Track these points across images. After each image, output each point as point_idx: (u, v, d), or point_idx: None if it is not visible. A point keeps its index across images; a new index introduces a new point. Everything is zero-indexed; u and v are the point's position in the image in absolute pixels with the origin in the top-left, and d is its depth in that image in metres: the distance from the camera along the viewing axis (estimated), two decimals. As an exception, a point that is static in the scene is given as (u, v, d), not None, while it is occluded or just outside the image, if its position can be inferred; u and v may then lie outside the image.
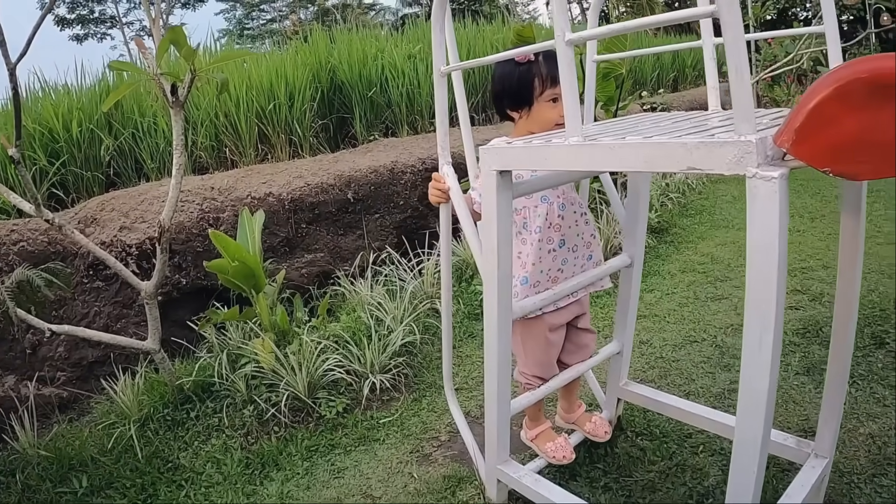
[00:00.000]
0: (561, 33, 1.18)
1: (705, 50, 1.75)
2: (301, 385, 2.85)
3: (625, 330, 2.17)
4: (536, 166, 1.30)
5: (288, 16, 24.82)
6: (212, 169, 4.73)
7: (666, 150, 1.11)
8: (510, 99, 1.82)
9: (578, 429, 2.30)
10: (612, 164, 1.19)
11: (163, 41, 2.60)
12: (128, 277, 2.70)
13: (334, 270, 4.49)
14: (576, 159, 1.24)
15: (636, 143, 1.15)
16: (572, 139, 1.23)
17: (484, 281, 1.56)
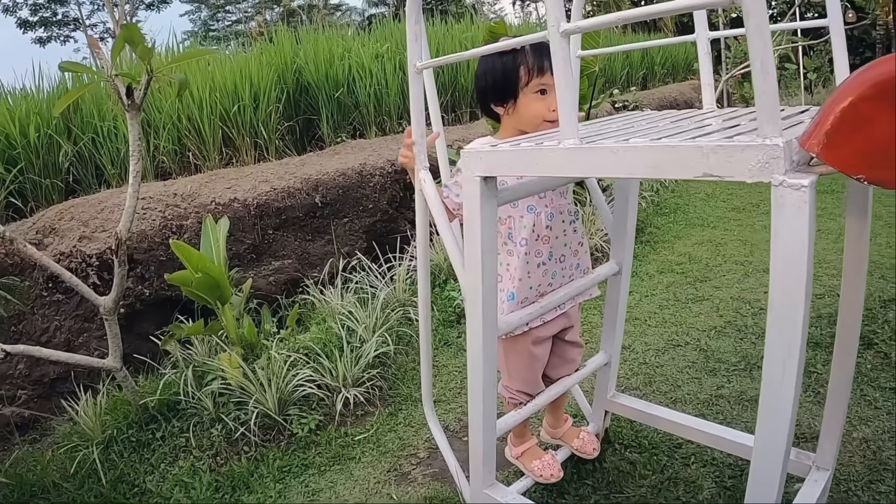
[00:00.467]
0: (555, 23, 1.06)
1: (700, 44, 1.65)
2: (271, 402, 2.69)
3: (613, 340, 2.07)
4: (526, 172, 1.18)
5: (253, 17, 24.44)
6: (174, 174, 4.54)
7: (678, 155, 0.99)
8: (494, 93, 1.68)
9: (566, 444, 2.19)
10: (615, 170, 1.06)
11: (117, 40, 2.43)
12: (85, 293, 2.52)
13: (303, 278, 4.34)
14: (571, 164, 1.11)
15: (642, 146, 1.03)
16: (568, 142, 1.11)
17: (466, 296, 1.43)
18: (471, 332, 1.45)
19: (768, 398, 1.05)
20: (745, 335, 3.13)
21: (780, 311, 0.98)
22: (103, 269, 3.57)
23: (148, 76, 2.48)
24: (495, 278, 1.41)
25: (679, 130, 1.16)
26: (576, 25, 1.06)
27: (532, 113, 1.64)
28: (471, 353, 1.48)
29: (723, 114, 1.46)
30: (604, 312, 2.10)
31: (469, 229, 1.34)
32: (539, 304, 1.63)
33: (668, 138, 1.04)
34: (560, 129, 1.12)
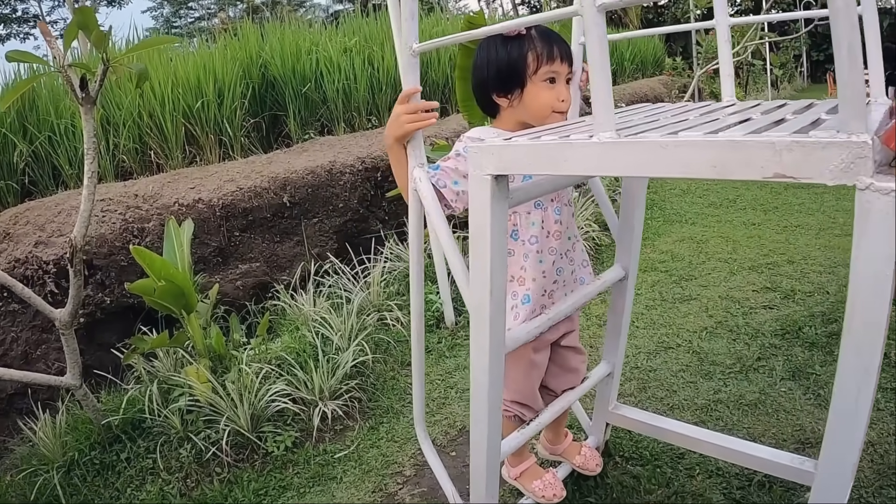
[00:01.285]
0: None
1: (719, 30, 1.51)
2: (243, 418, 2.50)
3: (616, 350, 1.92)
4: (550, 170, 1.01)
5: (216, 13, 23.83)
6: (135, 174, 4.30)
7: (745, 153, 0.84)
8: (498, 82, 1.51)
9: (566, 461, 2.05)
10: (663, 168, 0.90)
11: (70, 26, 2.21)
12: (39, 305, 2.29)
13: (272, 281, 4.14)
14: (608, 162, 0.95)
15: (700, 141, 0.87)
16: (604, 135, 0.95)
17: (471, 311, 1.26)
18: (476, 349, 1.29)
19: (838, 422, 0.92)
20: (737, 336, 3.02)
21: (860, 329, 0.84)
22: (61, 276, 3.33)
23: (104, 66, 2.26)
24: (504, 291, 1.24)
25: (726, 124, 1.02)
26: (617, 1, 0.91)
27: (541, 103, 1.48)
28: (476, 372, 1.32)
29: (753, 107, 1.33)
30: (607, 320, 1.95)
31: (477, 237, 1.17)
32: (547, 316, 1.47)
33: (727, 132, 0.89)
34: (594, 120, 0.97)
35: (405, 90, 1.41)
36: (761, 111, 1.20)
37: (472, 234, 1.17)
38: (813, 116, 1.10)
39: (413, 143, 1.42)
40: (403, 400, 2.81)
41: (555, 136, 1.04)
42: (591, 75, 0.95)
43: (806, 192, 5.51)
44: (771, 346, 2.90)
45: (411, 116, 1.40)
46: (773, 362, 2.79)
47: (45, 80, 4.10)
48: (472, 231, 1.17)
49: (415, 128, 1.41)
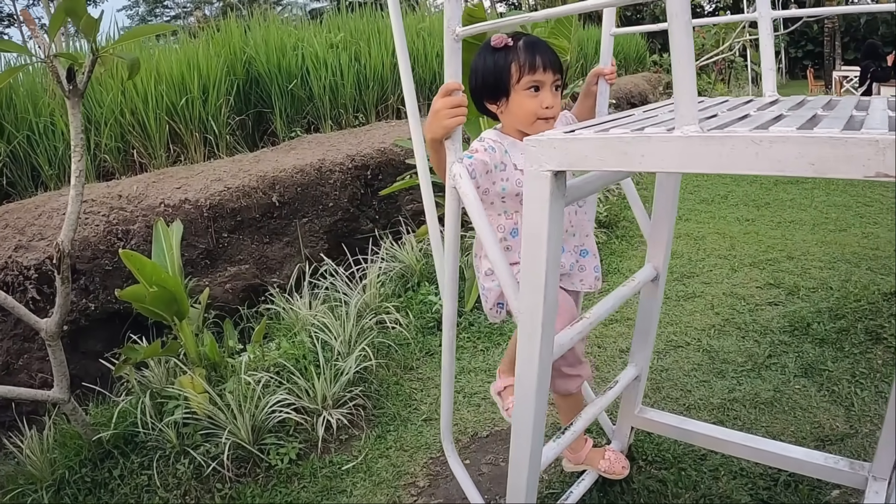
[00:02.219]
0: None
1: (761, 24, 1.44)
2: (244, 430, 2.38)
3: (644, 352, 1.85)
4: (622, 166, 0.91)
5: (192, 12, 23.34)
6: (118, 174, 4.13)
7: (846, 150, 0.77)
8: (486, 90, 1.57)
9: (591, 468, 1.97)
10: (754, 166, 0.83)
11: (57, 11, 2.06)
12: (24, 316, 2.14)
13: (263, 284, 4.01)
14: (692, 159, 0.86)
15: (797, 137, 0.80)
16: (688, 128, 0.86)
17: (520, 319, 1.16)
18: (524, 359, 1.19)
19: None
20: (746, 333, 2.97)
21: None
22: (43, 281, 3.17)
23: (93, 56, 2.12)
24: (557, 297, 1.15)
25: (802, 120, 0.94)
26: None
27: (525, 111, 1.53)
28: (523, 381, 1.22)
29: (803, 102, 1.26)
30: (637, 322, 1.88)
31: (532, 238, 1.07)
32: (588, 320, 1.38)
33: (823, 128, 0.81)
34: (676, 113, 0.88)
35: (447, 84, 1.32)
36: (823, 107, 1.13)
37: (527, 234, 1.08)
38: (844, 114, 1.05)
39: (452, 138, 1.32)
40: (409, 406, 2.71)
41: (625, 129, 0.95)
42: (674, 64, 0.86)
43: (796, 187, 5.51)
44: (781, 344, 2.86)
45: (452, 111, 1.32)
46: (784, 359, 2.74)
47: (23, 77, 3.92)
48: (527, 232, 1.08)
49: (455, 123, 1.33)
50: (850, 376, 2.58)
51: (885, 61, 9.07)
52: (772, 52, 1.50)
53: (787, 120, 0.99)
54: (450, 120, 1.32)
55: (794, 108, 1.27)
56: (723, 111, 1.22)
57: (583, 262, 1.67)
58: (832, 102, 1.32)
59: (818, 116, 1.10)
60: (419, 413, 2.67)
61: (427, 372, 2.98)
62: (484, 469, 2.28)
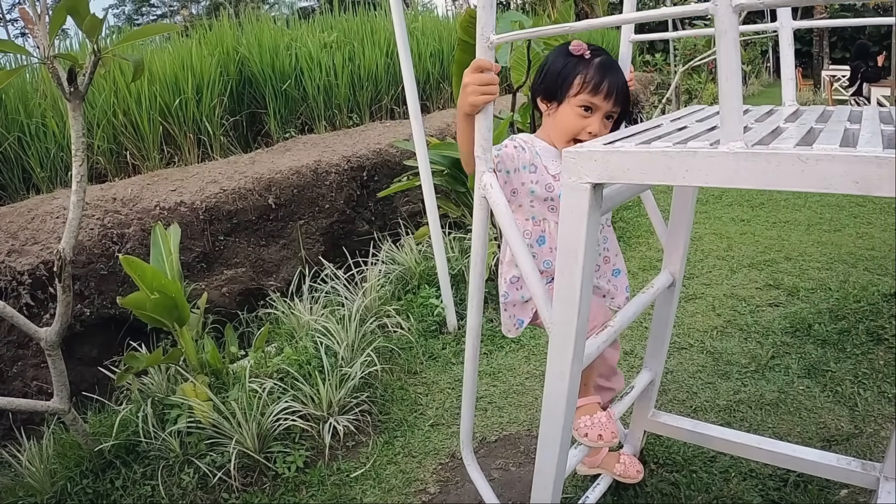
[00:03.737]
0: (725, -4, 0.81)
1: (782, 34, 1.43)
2: (249, 439, 2.34)
3: (658, 357, 1.84)
4: (665, 180, 0.90)
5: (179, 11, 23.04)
6: (111, 176, 4.08)
7: (891, 170, 0.77)
8: (544, 87, 1.53)
9: (605, 472, 1.95)
10: (800, 183, 0.83)
11: (58, 9, 2.01)
12: (23, 326, 2.10)
13: (259, 287, 3.97)
14: (738, 175, 0.86)
15: (842, 156, 0.80)
16: (734, 144, 0.85)
17: (553, 330, 1.14)
18: (554, 371, 1.18)
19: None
20: (748, 335, 2.98)
21: None
22: (37, 287, 3.12)
23: (95, 57, 2.07)
24: (589, 311, 1.14)
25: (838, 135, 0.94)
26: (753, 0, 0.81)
27: (567, 126, 1.50)
28: (554, 392, 1.21)
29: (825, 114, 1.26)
30: (652, 327, 1.87)
31: (568, 251, 1.05)
32: (612, 328, 1.37)
33: (867, 146, 0.81)
34: (721, 128, 0.87)
35: (479, 61, 1.28)
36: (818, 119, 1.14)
37: (563, 247, 1.06)
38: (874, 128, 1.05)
39: (482, 144, 1.29)
40: (416, 411, 2.69)
41: (668, 144, 0.94)
42: (721, 80, 0.86)
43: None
44: (783, 345, 2.87)
45: (480, 88, 1.29)
46: (787, 360, 2.75)
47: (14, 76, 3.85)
48: (563, 245, 1.06)
49: (483, 101, 1.30)
50: (852, 377, 2.59)
51: (875, 62, 9.16)
52: (792, 62, 1.50)
53: (825, 135, 0.99)
54: (478, 97, 1.29)
55: (821, 120, 1.27)
56: (751, 123, 1.21)
57: (615, 282, 1.67)
58: (853, 115, 1.33)
59: (850, 131, 1.10)
60: (426, 418, 2.65)
61: (431, 376, 2.96)
62: (495, 474, 2.27)
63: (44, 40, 1.99)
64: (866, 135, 1.00)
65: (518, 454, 2.38)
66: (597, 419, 1.55)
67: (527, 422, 2.55)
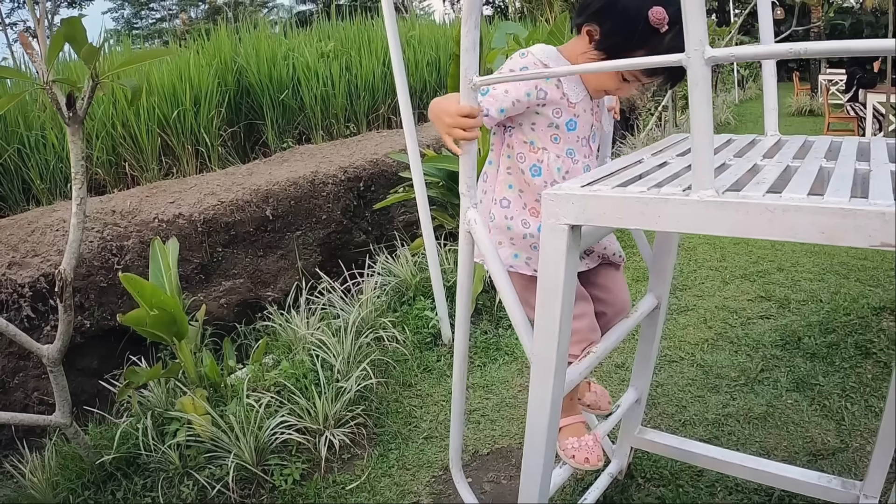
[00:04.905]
0: (699, 46, 0.85)
1: (765, 65, 1.48)
2: (247, 452, 2.39)
3: (644, 377, 1.89)
4: (640, 225, 0.95)
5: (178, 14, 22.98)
6: (110, 187, 4.13)
7: (855, 221, 0.82)
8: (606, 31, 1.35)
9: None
10: (768, 231, 0.88)
11: (56, 37, 2.06)
12: (25, 343, 2.14)
13: (257, 298, 4.02)
14: (708, 222, 0.91)
15: (808, 207, 0.84)
16: (704, 192, 0.90)
17: (534, 360, 1.19)
18: (536, 398, 1.23)
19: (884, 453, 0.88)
20: (738, 347, 3.03)
21: None
22: (37, 299, 3.17)
23: (93, 82, 2.12)
24: (568, 340, 1.18)
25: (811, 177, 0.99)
26: (728, 53, 0.86)
27: (602, 81, 1.42)
28: (535, 419, 1.26)
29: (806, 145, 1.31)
30: (638, 348, 1.92)
31: (547, 289, 1.10)
32: (595, 355, 1.42)
33: (836, 196, 0.86)
34: (693, 175, 0.91)
35: (462, 108, 1.28)
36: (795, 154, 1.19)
37: (542, 285, 1.11)
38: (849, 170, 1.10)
39: (466, 182, 1.33)
40: (410, 424, 2.73)
41: (644, 188, 0.98)
42: (693, 131, 0.90)
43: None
44: (773, 358, 2.91)
45: (459, 132, 1.29)
46: (776, 374, 2.80)
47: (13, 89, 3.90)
48: (542, 282, 1.11)
49: (455, 142, 1.31)
50: (840, 391, 2.64)
51: (871, 67, 9.23)
52: (774, 92, 1.54)
53: (797, 179, 1.03)
54: (450, 138, 1.29)
55: (799, 156, 1.31)
56: (730, 159, 1.26)
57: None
58: (833, 147, 1.37)
59: (825, 170, 1.14)
60: (420, 431, 2.69)
61: (426, 388, 3.00)
62: (486, 487, 2.32)
63: (43, 65, 2.03)
64: (837, 178, 1.04)
65: (510, 467, 2.42)
66: (584, 442, 1.58)
67: (519, 435, 2.59)
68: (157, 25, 27.45)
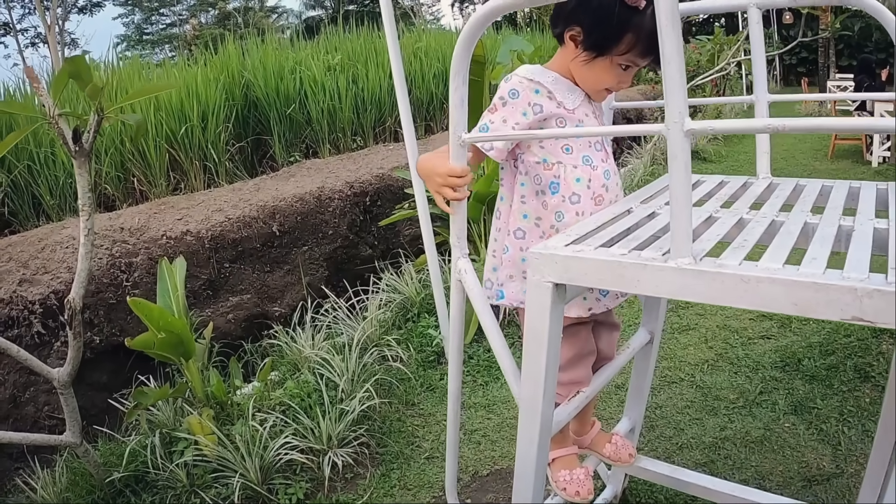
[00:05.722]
0: (679, 119, 0.89)
1: (758, 109, 1.51)
2: (252, 472, 2.44)
3: (638, 407, 1.93)
4: (619, 288, 1.00)
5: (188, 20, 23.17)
6: (119, 202, 4.19)
7: (827, 295, 0.86)
8: (588, 30, 1.32)
9: (594, 454, 1.90)
10: (742, 301, 0.91)
11: (60, 75, 2.12)
12: (35, 367, 2.21)
13: (264, 313, 4.07)
14: (684, 289, 0.95)
15: (782, 279, 0.88)
16: (681, 260, 0.94)
17: (521, 406, 1.24)
18: (524, 438, 1.27)
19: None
20: (738, 369, 3.06)
21: None
22: (48, 315, 3.23)
23: (98, 116, 2.18)
24: (555, 388, 1.23)
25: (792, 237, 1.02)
26: (707, 126, 0.90)
27: (603, 78, 1.38)
28: (524, 458, 1.30)
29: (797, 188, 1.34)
30: (631, 381, 1.95)
31: (533, 341, 1.15)
32: (584, 394, 1.46)
33: (811, 268, 0.90)
34: (671, 243, 0.95)
35: (463, 169, 1.32)
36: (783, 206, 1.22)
37: (528, 336, 1.16)
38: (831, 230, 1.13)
39: (457, 234, 1.38)
40: (412, 444, 2.78)
41: (624, 251, 1.02)
42: (672, 203, 0.94)
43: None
44: (772, 380, 2.94)
45: (447, 190, 1.33)
46: (775, 396, 2.82)
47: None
48: (528, 334, 1.15)
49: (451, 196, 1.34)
50: (838, 414, 2.66)
51: (878, 77, 9.20)
52: (767, 135, 1.56)
53: (779, 239, 1.07)
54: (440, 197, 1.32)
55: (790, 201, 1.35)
56: (717, 210, 1.29)
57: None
58: (823, 192, 1.40)
59: (809, 227, 1.18)
60: (421, 451, 2.74)
61: (428, 408, 3.05)
62: (485, 511, 2.36)
63: (48, 99, 2.09)
64: (818, 242, 1.07)
65: (509, 489, 2.44)
66: (576, 476, 1.62)
67: (519, 456, 2.63)
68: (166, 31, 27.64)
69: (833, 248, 1.10)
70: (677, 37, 0.91)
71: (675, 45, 0.91)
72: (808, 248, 1.04)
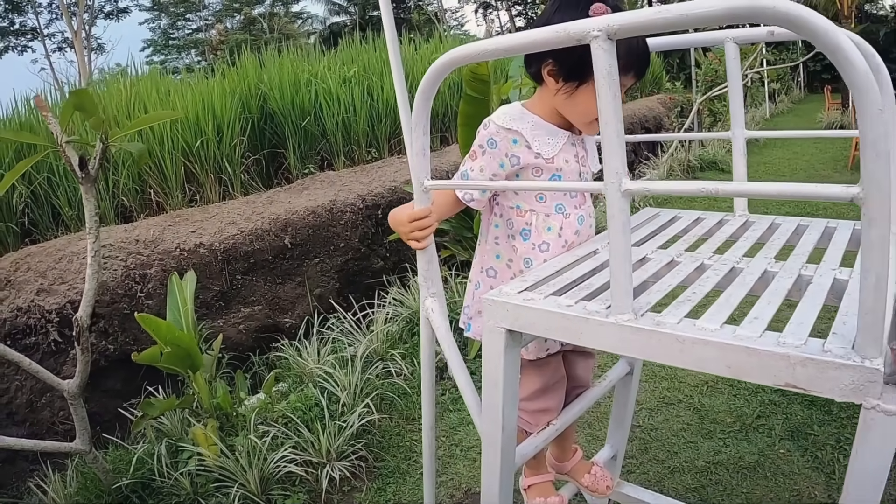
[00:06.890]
0: (616, 179, 0.94)
1: (735, 143, 1.54)
2: (253, 482, 2.52)
3: (620, 433, 1.96)
4: (564, 339, 1.05)
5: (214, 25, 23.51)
6: (136, 213, 4.31)
7: (760, 360, 0.89)
8: (561, 63, 1.29)
9: (573, 481, 1.91)
10: (678, 360, 0.95)
11: (65, 107, 2.22)
12: (46, 378, 2.31)
13: (275, 324, 4.16)
14: (623, 344, 0.99)
15: (717, 342, 0.91)
16: (621, 317, 0.98)
17: (483, 438, 1.30)
18: (488, 468, 1.32)
19: None
20: (737, 391, 3.07)
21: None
22: (64, 324, 3.35)
23: (103, 144, 2.27)
24: (515, 425, 1.28)
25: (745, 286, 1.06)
26: (643, 186, 0.94)
27: (588, 110, 1.32)
28: (486, 491, 1.35)
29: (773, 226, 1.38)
30: (613, 411, 1.99)
31: (489, 382, 1.20)
32: (554, 427, 1.50)
33: (749, 330, 0.93)
34: (612, 299, 1.00)
35: (422, 211, 1.39)
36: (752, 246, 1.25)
37: (486, 378, 1.21)
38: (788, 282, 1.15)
39: (424, 275, 1.44)
40: (409, 459, 2.84)
41: (573, 299, 1.07)
42: (612, 260, 0.98)
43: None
44: (771, 403, 2.95)
45: (416, 234, 1.39)
46: (772, 420, 2.83)
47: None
48: (485, 375, 1.21)
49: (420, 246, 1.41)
50: (834, 441, 2.66)
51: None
52: (744, 169, 1.57)
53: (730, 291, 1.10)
54: (409, 241, 1.38)
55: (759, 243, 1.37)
56: (680, 254, 1.32)
57: None
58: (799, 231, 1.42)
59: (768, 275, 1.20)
60: (418, 466, 2.79)
61: (428, 422, 3.10)
62: (476, 529, 2.41)
63: (57, 127, 2.18)
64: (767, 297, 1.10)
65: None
66: (550, 502, 1.67)
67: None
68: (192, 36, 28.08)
69: (788, 296, 1.13)
70: (615, 98, 0.95)
71: (612, 107, 0.95)
72: (756, 303, 1.07)
